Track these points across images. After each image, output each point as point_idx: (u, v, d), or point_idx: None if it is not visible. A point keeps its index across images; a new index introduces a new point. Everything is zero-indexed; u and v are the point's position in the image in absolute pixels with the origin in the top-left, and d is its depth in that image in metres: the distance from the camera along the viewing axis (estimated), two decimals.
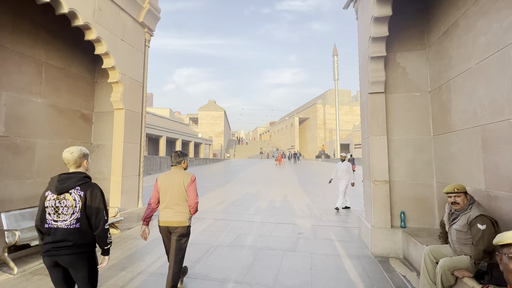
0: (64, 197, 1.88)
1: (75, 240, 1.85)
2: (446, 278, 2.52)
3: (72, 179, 1.91)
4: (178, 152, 2.85)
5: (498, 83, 2.69)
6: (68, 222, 1.86)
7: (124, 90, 5.33)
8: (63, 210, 1.86)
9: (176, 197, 2.68)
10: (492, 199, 2.78)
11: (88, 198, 1.91)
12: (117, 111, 5.41)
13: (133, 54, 5.69)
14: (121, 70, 5.20)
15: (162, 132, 27.91)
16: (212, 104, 52.14)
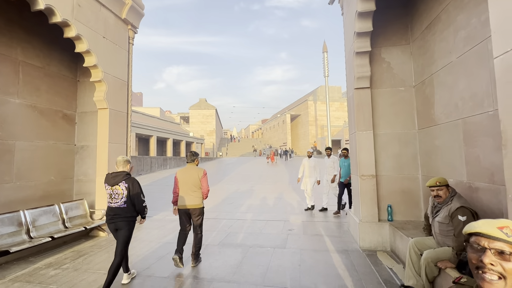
0: (115, 188, 2.91)
1: (123, 214, 2.91)
2: (430, 269, 2.57)
3: (120, 176, 2.94)
4: (192, 152, 3.69)
5: (477, 77, 2.73)
6: (119, 203, 2.91)
7: (108, 89, 5.18)
8: (115, 196, 2.91)
9: (193, 186, 3.50)
10: (473, 190, 2.84)
11: (130, 188, 2.94)
12: (101, 111, 5.27)
13: (116, 51, 5.54)
14: (103, 68, 5.05)
15: (152, 131, 27.51)
16: (203, 102, 51.70)
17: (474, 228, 0.94)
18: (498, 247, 0.87)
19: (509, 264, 0.85)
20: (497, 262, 0.86)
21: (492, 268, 0.86)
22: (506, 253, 0.86)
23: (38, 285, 3.04)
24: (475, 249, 0.92)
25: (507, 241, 0.87)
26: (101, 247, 4.30)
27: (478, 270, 0.89)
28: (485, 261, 0.87)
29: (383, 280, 3.04)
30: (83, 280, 3.14)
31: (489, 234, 0.89)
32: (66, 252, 4.14)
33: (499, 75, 1.34)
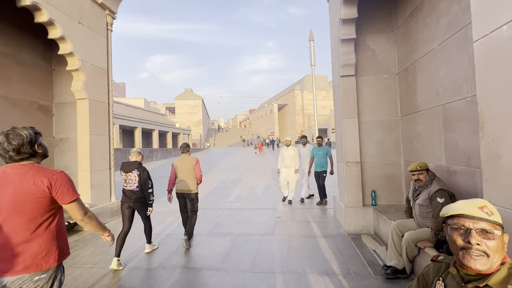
0: (129, 174, 3.45)
1: (136, 196, 3.45)
2: (411, 249, 2.69)
3: (133, 165, 3.47)
4: (185, 144, 4.20)
5: (457, 63, 2.80)
6: (132, 187, 3.44)
7: (86, 78, 4.94)
8: (129, 181, 3.45)
9: (188, 173, 4.00)
10: (451, 173, 2.97)
11: (141, 175, 3.45)
12: (80, 102, 5.03)
13: (94, 38, 5.25)
14: (80, 56, 4.79)
15: (137, 123, 26.79)
16: (189, 92, 50.62)
17: (456, 210, 0.96)
18: (482, 227, 0.90)
19: (491, 242, 0.89)
20: (482, 241, 0.89)
21: (478, 248, 0.89)
22: (489, 232, 0.89)
23: None
24: (459, 231, 0.94)
25: (489, 220, 0.90)
26: (86, 241, 4.20)
27: (463, 250, 0.92)
28: (472, 242, 0.89)
29: (367, 262, 3.17)
30: (68, 275, 3.07)
31: (472, 215, 0.91)
32: None
33: (478, 59, 1.37)
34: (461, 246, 0.93)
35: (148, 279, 2.94)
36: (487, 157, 1.35)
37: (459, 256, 0.95)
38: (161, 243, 4.05)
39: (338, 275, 2.88)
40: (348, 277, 2.82)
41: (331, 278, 2.81)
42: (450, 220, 0.99)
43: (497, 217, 0.92)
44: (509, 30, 1.19)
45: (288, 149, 6.34)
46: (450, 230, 0.97)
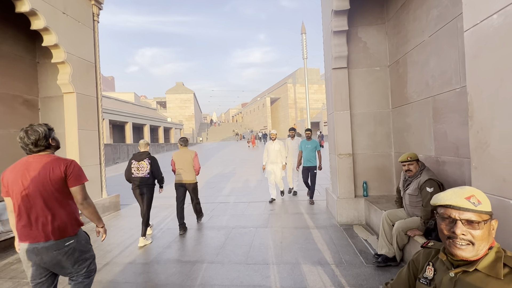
0: (141, 163, 3.88)
1: (146, 181, 3.88)
2: (401, 238, 2.76)
3: (144, 154, 3.95)
4: (184, 138, 4.53)
5: (447, 55, 2.83)
6: (143, 174, 3.87)
7: (73, 72, 4.78)
8: (141, 169, 3.87)
9: (188, 165, 4.32)
10: (440, 164, 3.04)
11: (152, 164, 3.92)
12: (67, 96, 4.88)
13: (80, 30, 5.07)
14: (66, 48, 4.63)
15: (127, 118, 26.29)
16: (180, 86, 49.86)
17: (444, 201, 0.98)
18: (467, 218, 0.92)
19: (477, 232, 0.91)
20: (467, 231, 0.92)
21: (463, 238, 0.92)
22: (474, 222, 0.92)
23: (10, 281, 2.89)
24: (446, 221, 0.97)
25: (475, 210, 0.92)
26: None
27: (450, 239, 0.95)
28: (457, 232, 0.92)
29: (358, 251, 3.24)
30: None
31: (459, 205, 0.94)
32: None
33: (468, 48, 1.38)
34: (447, 235, 0.96)
35: (142, 274, 2.93)
36: (476, 145, 1.38)
37: (446, 245, 0.98)
38: (155, 238, 4.03)
39: (331, 264, 2.94)
40: (340, 266, 2.88)
41: (324, 268, 2.87)
42: (439, 209, 1.01)
43: (485, 205, 0.94)
44: (499, 19, 1.20)
45: (273, 143, 5.97)
46: (439, 219, 1.00)
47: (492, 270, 0.90)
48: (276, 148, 5.94)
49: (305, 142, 5.75)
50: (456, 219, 0.93)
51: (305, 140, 5.79)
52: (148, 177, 3.88)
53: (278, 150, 5.93)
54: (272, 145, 5.98)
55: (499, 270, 0.88)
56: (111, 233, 4.30)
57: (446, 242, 0.97)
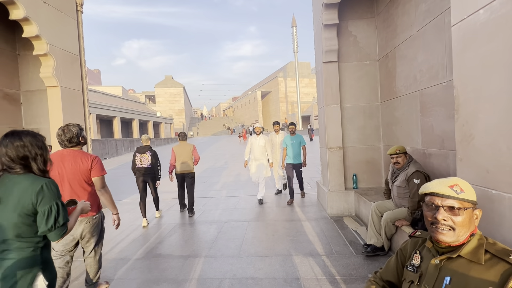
0: (143, 155, 4.45)
1: (148, 171, 4.46)
2: (389, 228, 2.85)
3: (146, 147, 4.51)
4: (183, 132, 5.10)
5: (434, 49, 2.88)
6: (146, 165, 4.43)
7: (56, 64, 4.60)
8: (143, 160, 4.43)
9: (187, 156, 4.84)
10: (427, 156, 3.12)
11: (152, 155, 4.48)
12: (51, 89, 4.70)
13: (63, 20, 4.86)
14: (48, 39, 4.43)
15: (115, 112, 25.67)
16: (169, 80, 48.93)
17: (429, 189, 1.04)
18: (449, 204, 0.98)
19: (458, 218, 0.97)
20: (449, 217, 0.97)
21: (444, 223, 0.97)
22: (455, 208, 0.97)
23: None
24: (430, 207, 1.02)
25: (457, 197, 0.97)
26: None
27: (433, 225, 1.00)
28: (439, 217, 0.97)
29: (348, 242, 3.33)
30: None
31: (441, 193, 0.99)
32: None
33: (456, 43, 1.41)
34: (431, 222, 1.01)
35: (134, 269, 2.92)
36: (461, 138, 1.43)
37: (430, 231, 1.03)
38: (146, 233, 4.00)
39: (322, 255, 3.01)
40: (331, 257, 2.95)
41: (315, 259, 2.93)
42: (425, 198, 1.07)
43: (467, 194, 0.99)
44: (485, 14, 1.23)
45: (258, 138, 5.43)
46: (424, 207, 1.06)
47: (474, 256, 0.94)
48: (261, 144, 5.39)
49: (290, 138, 5.29)
50: (438, 205, 0.99)
51: (289, 136, 5.35)
52: (150, 167, 4.49)
53: (263, 145, 5.39)
54: (257, 140, 5.41)
55: (481, 256, 0.93)
56: None
57: (430, 228, 1.02)
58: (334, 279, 2.52)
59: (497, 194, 1.25)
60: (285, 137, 5.43)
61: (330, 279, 2.52)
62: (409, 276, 1.09)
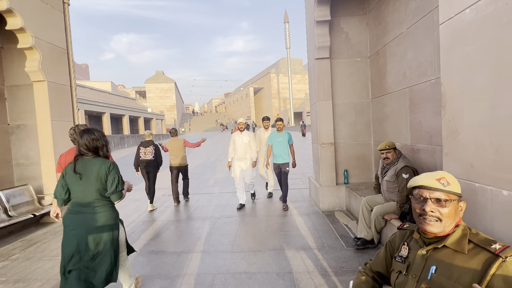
0: (147, 148, 5.04)
1: (152, 163, 5.04)
2: (379, 222, 2.92)
3: (149, 142, 5.11)
4: (174, 129, 5.57)
5: (423, 47, 2.95)
6: (149, 157, 5.02)
7: (42, 58, 4.46)
8: (147, 153, 5.02)
9: (179, 151, 5.31)
10: (415, 151, 3.21)
11: (155, 149, 5.09)
12: (37, 84, 4.56)
13: (48, 12, 4.70)
14: (33, 32, 4.29)
15: (104, 108, 25.12)
16: (160, 75, 48.13)
17: (417, 182, 1.08)
18: (436, 196, 1.02)
19: (444, 209, 1.01)
20: (436, 209, 1.02)
21: (432, 215, 1.02)
22: (442, 200, 1.02)
23: None
24: (418, 200, 1.07)
25: (444, 190, 1.02)
26: (56, 233, 4.00)
27: (421, 216, 1.05)
28: (427, 209, 1.02)
29: (339, 235, 3.40)
30: (39, 268, 2.92)
31: (429, 186, 1.04)
32: (14, 242, 3.76)
33: (443, 41, 1.45)
34: (419, 213, 1.06)
35: None
36: (448, 133, 1.48)
37: (418, 222, 1.08)
38: (137, 230, 3.97)
39: (314, 249, 3.07)
40: (322, 250, 3.01)
41: (307, 252, 2.98)
42: (414, 191, 1.11)
43: (453, 187, 1.04)
44: (472, 13, 1.26)
45: (242, 135, 4.89)
46: (413, 199, 1.11)
47: (458, 245, 0.99)
48: (245, 141, 4.84)
49: (276, 135, 4.76)
50: (426, 198, 1.04)
51: (275, 132, 4.81)
52: (153, 160, 5.03)
53: (247, 143, 4.84)
54: (240, 137, 4.88)
55: (464, 245, 0.98)
56: None
57: (418, 220, 1.06)
58: (325, 271, 2.58)
59: (480, 187, 1.31)
60: (271, 133, 4.88)
61: (321, 272, 2.58)
62: (397, 267, 1.14)
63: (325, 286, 2.36)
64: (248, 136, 4.90)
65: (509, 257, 0.87)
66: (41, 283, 2.63)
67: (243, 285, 2.44)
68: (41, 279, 2.71)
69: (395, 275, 1.13)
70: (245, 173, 4.91)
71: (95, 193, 1.91)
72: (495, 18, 1.15)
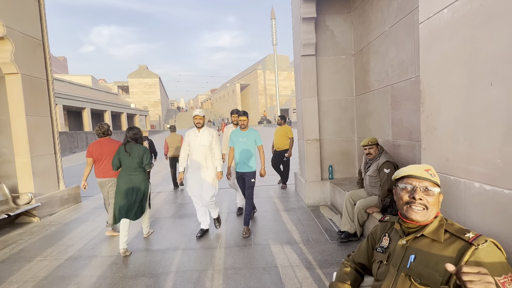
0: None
1: None
2: (361, 215, 3.02)
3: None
4: (173, 126, 6.53)
5: (404, 46, 3.04)
6: None
7: (15, 49, 4.21)
8: None
9: (178, 144, 6.16)
10: (396, 147, 3.33)
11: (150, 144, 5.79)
12: (10, 77, 4.31)
13: (22, 1, 4.43)
14: (5, 22, 4.03)
15: (84, 103, 24.13)
16: (144, 70, 46.77)
17: (406, 172, 1.14)
18: (425, 185, 1.09)
19: (430, 198, 1.08)
20: (424, 197, 1.08)
21: (420, 203, 1.07)
22: (430, 189, 1.08)
23: None
24: (405, 189, 1.12)
25: (432, 180, 1.09)
26: (33, 234, 3.82)
27: (408, 204, 1.10)
28: (416, 197, 1.08)
29: (324, 229, 3.48)
30: (15, 271, 2.79)
31: (419, 175, 1.10)
32: None
33: (423, 40, 1.50)
34: (406, 201, 1.11)
35: (110, 266, 2.83)
36: (426, 129, 1.54)
37: (403, 211, 1.12)
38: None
39: (299, 243, 3.12)
40: (307, 244, 3.08)
41: (292, 247, 3.03)
42: (400, 182, 1.16)
43: (437, 179, 1.13)
44: (449, 13, 1.32)
45: (199, 134, 3.47)
46: (399, 189, 1.15)
47: (436, 235, 1.05)
48: (203, 142, 3.44)
49: (238, 134, 3.59)
50: (416, 186, 1.10)
51: (238, 130, 3.63)
52: None
53: (207, 145, 3.46)
54: (198, 137, 3.46)
55: (441, 235, 1.04)
56: (72, 226, 4.04)
57: (404, 208, 1.11)
58: (310, 265, 2.64)
59: (455, 179, 1.38)
60: (232, 132, 3.70)
61: (306, 265, 2.64)
62: (379, 257, 1.18)
63: (310, 278, 2.42)
64: (209, 136, 3.46)
65: (481, 244, 0.93)
66: (18, 285, 2.51)
67: (229, 280, 2.45)
68: (17, 281, 2.59)
69: (377, 265, 1.18)
70: (204, 188, 3.44)
71: (136, 164, 3.17)
72: (470, 18, 1.21)
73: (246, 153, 3.52)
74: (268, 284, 2.37)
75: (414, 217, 1.09)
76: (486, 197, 1.21)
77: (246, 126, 3.60)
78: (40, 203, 4.39)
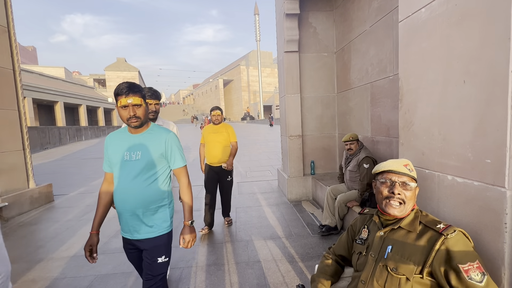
0: None
1: None
2: (342, 209, 3.11)
3: None
4: None
5: (384, 45, 3.14)
6: None
7: None
8: None
9: None
10: (375, 143, 3.44)
11: None
12: None
13: None
14: None
15: (57, 97, 22.78)
16: (122, 62, 44.88)
17: (386, 167, 1.16)
18: (403, 180, 1.12)
19: (408, 193, 1.11)
20: (402, 192, 1.11)
21: (398, 197, 1.10)
22: (407, 184, 1.12)
23: None
24: (385, 183, 1.15)
25: (410, 175, 1.13)
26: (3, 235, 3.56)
27: (387, 199, 1.13)
28: (395, 191, 1.11)
29: (306, 224, 3.55)
30: None
31: (398, 170, 1.13)
32: None
33: (401, 38, 1.55)
34: (385, 196, 1.14)
35: (86, 266, 2.70)
36: (404, 125, 1.60)
37: (382, 205, 1.16)
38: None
39: (282, 238, 3.16)
40: (290, 239, 3.12)
41: (275, 241, 3.07)
42: (379, 176, 1.19)
43: (414, 173, 1.16)
44: (426, 13, 1.37)
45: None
46: (379, 184, 1.18)
47: (411, 226, 1.09)
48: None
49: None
50: (395, 181, 1.13)
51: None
52: None
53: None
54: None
55: (416, 226, 1.08)
56: (43, 226, 3.82)
57: (383, 202, 1.14)
58: (292, 258, 2.68)
59: (430, 173, 1.45)
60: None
61: (289, 259, 2.67)
62: (358, 248, 1.22)
63: (292, 272, 2.45)
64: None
65: (450, 234, 0.98)
66: None
67: (212, 276, 2.43)
68: None
69: (356, 257, 1.21)
70: None
71: None
72: (446, 17, 1.26)
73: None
74: (251, 278, 2.38)
75: (392, 212, 1.12)
76: (457, 189, 1.28)
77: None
78: (7, 202, 4.10)
